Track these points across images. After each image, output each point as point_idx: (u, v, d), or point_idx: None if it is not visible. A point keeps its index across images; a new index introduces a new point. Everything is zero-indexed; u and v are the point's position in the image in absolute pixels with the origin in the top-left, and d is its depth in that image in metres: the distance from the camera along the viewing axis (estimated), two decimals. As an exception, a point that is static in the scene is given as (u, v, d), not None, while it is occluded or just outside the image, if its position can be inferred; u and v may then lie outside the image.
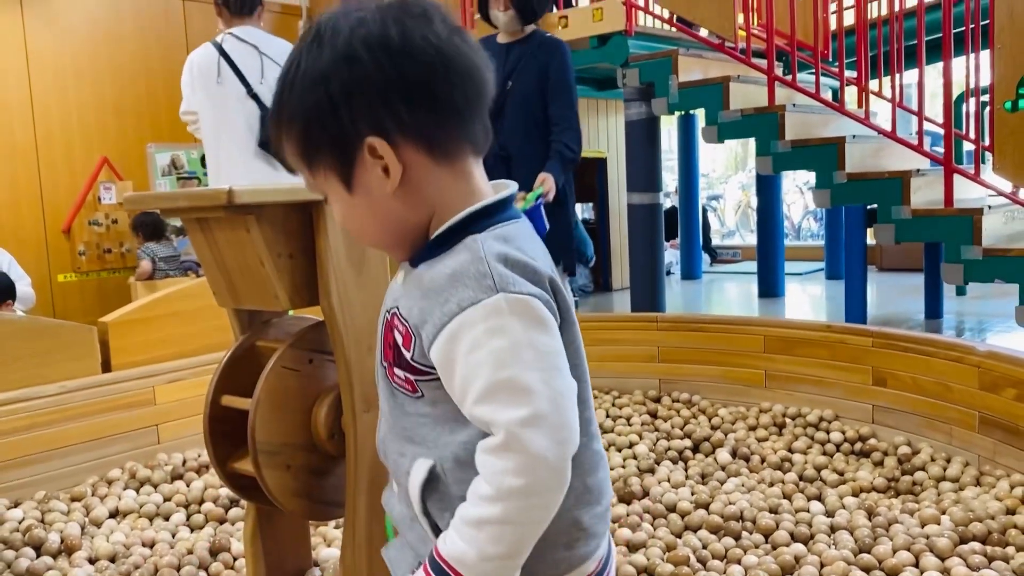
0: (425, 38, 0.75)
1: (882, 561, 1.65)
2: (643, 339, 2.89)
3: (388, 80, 0.74)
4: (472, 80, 0.77)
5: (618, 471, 2.22)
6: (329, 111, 0.75)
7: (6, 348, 2.22)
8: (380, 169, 0.76)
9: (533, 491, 0.69)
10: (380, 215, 0.78)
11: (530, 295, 0.72)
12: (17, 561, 1.78)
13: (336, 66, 0.74)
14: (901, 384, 2.34)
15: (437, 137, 0.76)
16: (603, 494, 0.82)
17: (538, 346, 0.71)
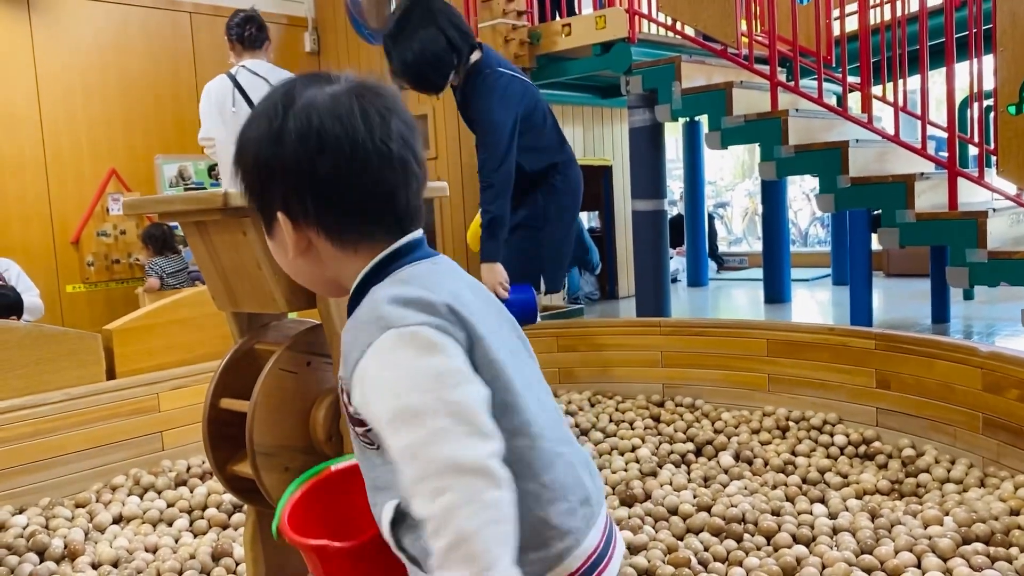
0: (352, 147, 0.81)
1: (884, 562, 1.64)
2: (647, 344, 2.89)
3: (301, 172, 0.82)
4: (387, 194, 0.84)
5: (620, 474, 2.22)
6: (254, 179, 0.86)
7: (11, 356, 2.24)
8: (288, 239, 0.86)
9: (464, 500, 0.69)
10: (295, 265, 0.89)
11: (418, 324, 0.77)
12: (20, 567, 1.79)
13: (264, 146, 0.84)
14: (904, 386, 2.33)
15: (339, 236, 0.85)
16: (567, 489, 0.82)
17: (429, 369, 0.75)
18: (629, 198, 5.07)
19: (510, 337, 0.89)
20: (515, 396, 0.81)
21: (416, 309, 0.79)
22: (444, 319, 0.79)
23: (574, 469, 0.85)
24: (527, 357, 0.91)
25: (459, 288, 0.85)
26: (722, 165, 12.33)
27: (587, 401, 2.83)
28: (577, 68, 4.67)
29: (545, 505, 0.80)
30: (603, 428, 2.61)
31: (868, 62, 3.90)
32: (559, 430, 0.87)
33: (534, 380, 0.88)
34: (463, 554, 0.68)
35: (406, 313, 0.78)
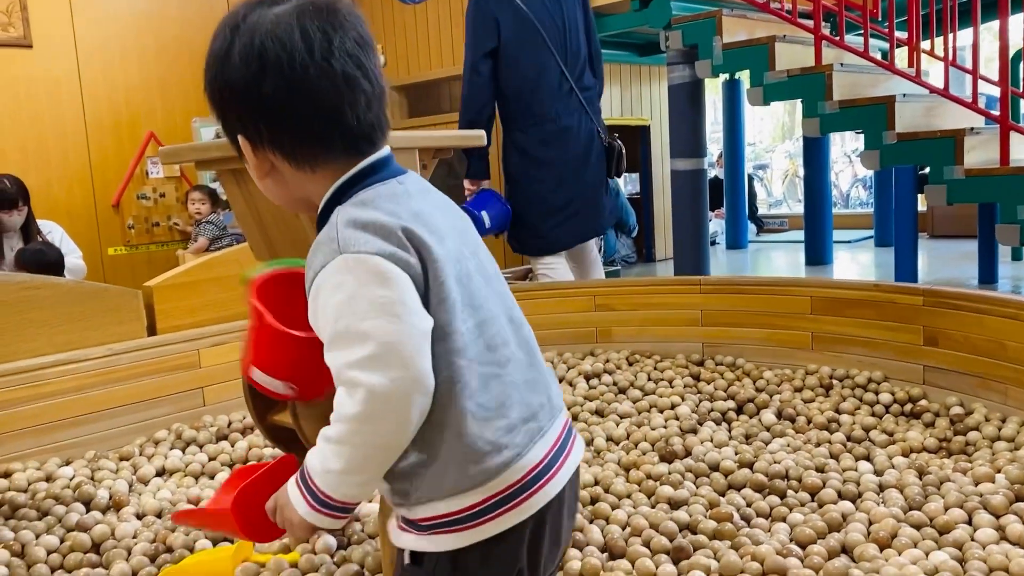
0: (291, 65, 0.82)
1: (933, 519, 1.60)
2: (686, 303, 2.85)
3: (252, 98, 0.84)
4: (330, 112, 0.84)
5: (659, 431, 2.19)
6: (215, 106, 0.89)
7: (54, 312, 2.27)
8: (251, 158, 0.88)
9: (365, 419, 0.78)
10: (265, 185, 0.91)
11: (368, 253, 0.79)
12: (67, 515, 1.82)
13: (217, 72, 0.86)
14: (953, 343, 2.27)
15: (294, 155, 0.86)
16: (504, 407, 0.85)
17: (372, 297, 0.78)
18: (667, 159, 5.00)
19: (474, 258, 0.90)
20: (459, 320, 0.84)
21: (371, 233, 0.81)
22: (396, 246, 0.81)
23: (516, 389, 0.87)
24: (492, 279, 0.92)
25: (422, 208, 0.86)
26: (761, 128, 12.11)
27: (625, 360, 2.80)
28: (614, 24, 4.59)
29: (481, 423, 0.83)
30: (641, 386, 2.58)
31: (917, 14, 3.78)
32: (507, 350, 0.88)
33: (492, 302, 0.89)
34: (338, 452, 0.80)
35: (359, 238, 0.80)
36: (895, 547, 1.51)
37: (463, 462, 0.82)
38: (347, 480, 0.81)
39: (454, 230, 0.88)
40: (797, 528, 1.59)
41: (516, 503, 0.84)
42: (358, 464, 0.80)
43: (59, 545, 1.71)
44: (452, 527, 0.83)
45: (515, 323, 0.92)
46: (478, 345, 0.85)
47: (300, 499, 0.84)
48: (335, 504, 0.82)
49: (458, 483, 0.82)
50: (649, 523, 1.64)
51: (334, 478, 0.81)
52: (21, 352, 2.19)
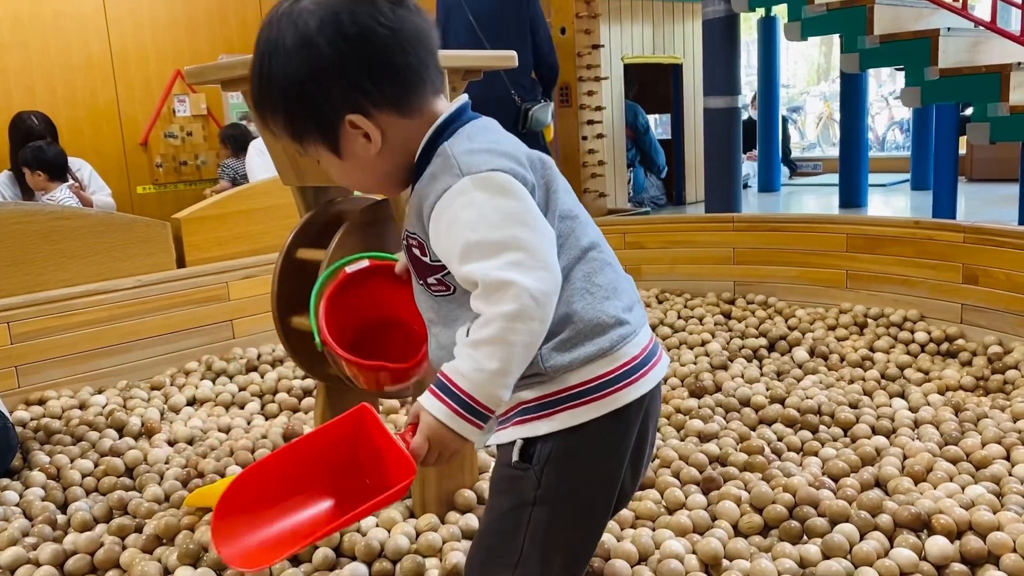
0: (374, 18, 0.85)
1: (970, 454, 1.57)
2: (718, 240, 2.80)
3: (352, 64, 0.85)
4: (422, 43, 0.88)
5: (689, 367, 2.17)
6: (308, 101, 0.86)
7: (85, 242, 2.27)
8: (362, 137, 0.87)
9: (519, 317, 0.81)
10: (372, 171, 0.91)
11: (491, 170, 0.84)
12: (101, 441, 1.84)
13: (303, 59, 0.84)
14: (994, 281, 2.22)
15: (404, 100, 0.88)
16: (619, 290, 0.93)
17: (502, 209, 0.83)
18: (700, 98, 4.89)
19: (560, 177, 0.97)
20: (576, 223, 0.93)
21: (490, 154, 0.86)
22: (515, 163, 0.86)
23: (622, 279, 0.95)
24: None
25: (514, 140, 0.92)
26: (795, 71, 11.82)
27: (655, 298, 2.77)
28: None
29: (601, 301, 0.90)
30: (671, 324, 2.55)
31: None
32: (609, 250, 0.97)
33: (582, 210, 0.97)
34: (492, 352, 0.82)
35: (480, 159, 0.85)
36: (930, 481, 1.48)
37: (592, 334, 0.88)
38: (500, 381, 0.83)
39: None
40: (829, 462, 1.57)
41: (636, 377, 0.91)
42: (513, 362, 0.82)
43: (93, 469, 1.73)
44: (580, 399, 0.88)
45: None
46: (589, 237, 0.92)
47: (446, 410, 0.83)
48: (482, 410, 0.83)
49: (589, 354, 0.88)
50: (678, 455, 1.63)
51: (487, 378, 0.82)
52: (52, 282, 2.20)
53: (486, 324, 0.82)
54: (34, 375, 2.12)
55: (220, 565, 1.31)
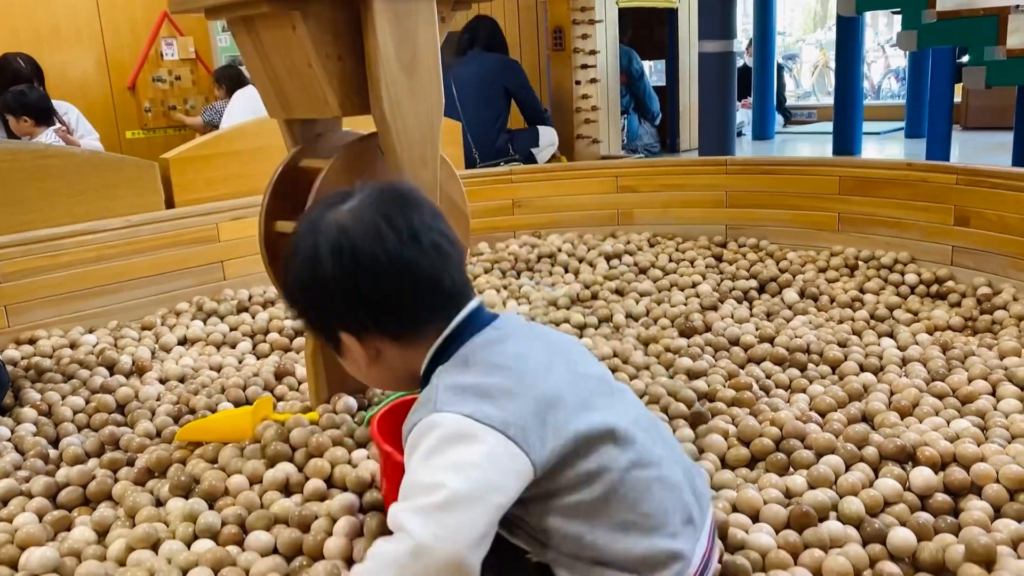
0: (380, 252, 0.86)
1: (956, 390, 1.59)
2: (711, 184, 2.79)
3: (348, 293, 0.87)
4: (425, 284, 0.88)
5: (679, 308, 2.18)
6: (310, 306, 0.92)
7: (71, 182, 2.25)
8: (357, 351, 0.91)
9: (389, 564, 0.76)
10: (371, 374, 0.94)
11: (460, 414, 0.80)
12: (92, 379, 1.84)
13: (308, 277, 0.89)
14: (986, 223, 2.21)
15: (400, 334, 0.89)
16: (668, 513, 0.85)
17: (449, 456, 0.78)
18: (695, 44, 4.83)
19: (585, 375, 0.91)
20: (598, 438, 0.84)
21: (467, 395, 0.82)
22: (492, 406, 0.81)
23: (675, 490, 0.87)
24: (607, 383, 0.93)
25: (520, 348, 0.88)
26: (792, 18, 11.67)
27: (646, 242, 2.77)
28: None
29: (650, 533, 0.83)
30: (662, 267, 2.55)
31: None
32: (655, 447, 0.89)
33: (619, 410, 0.89)
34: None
35: (456, 399, 0.82)
36: (916, 415, 1.50)
37: (641, 569, 0.83)
38: None
39: (559, 355, 0.91)
40: (817, 398, 1.58)
41: None
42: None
43: (84, 406, 1.74)
44: None
45: (647, 420, 0.93)
46: (628, 454, 0.85)
47: None
48: None
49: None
50: (667, 391, 1.64)
51: None
52: (40, 221, 2.18)
53: (366, 558, 0.79)
54: (23, 315, 2.12)
55: (212, 496, 1.32)
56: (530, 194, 2.93)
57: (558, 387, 0.84)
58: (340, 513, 1.26)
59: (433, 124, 1.38)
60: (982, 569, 1.07)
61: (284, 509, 1.28)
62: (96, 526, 1.28)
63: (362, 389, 1.68)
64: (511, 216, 2.92)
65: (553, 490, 0.82)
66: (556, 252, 2.69)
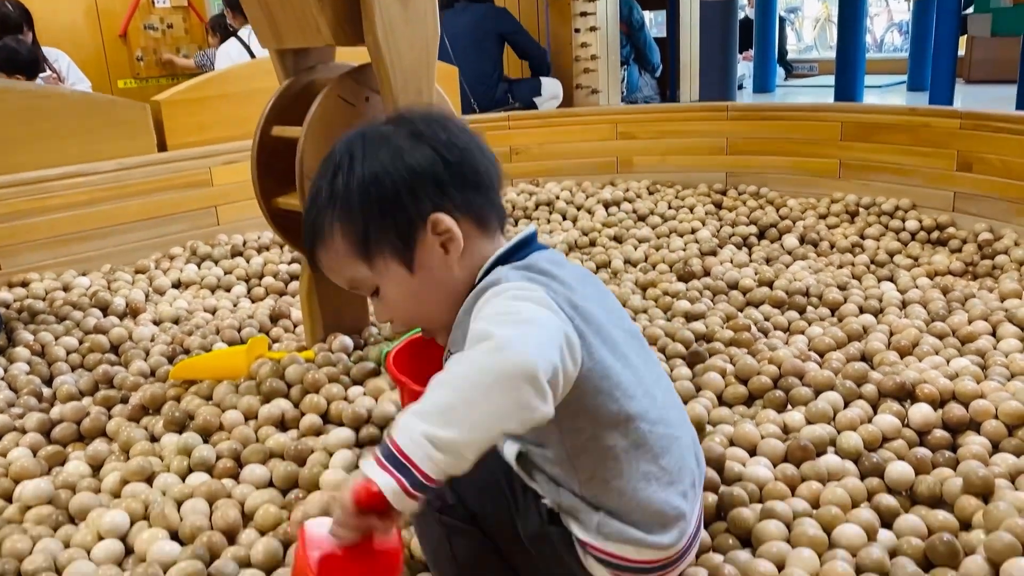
0: (455, 136, 0.84)
1: (956, 330, 1.58)
2: (711, 130, 2.75)
3: (442, 167, 0.82)
4: (493, 165, 0.87)
5: (678, 253, 2.16)
6: (391, 202, 0.82)
7: (63, 123, 2.21)
8: (439, 245, 0.82)
9: (491, 368, 0.67)
10: (440, 288, 0.84)
11: (530, 285, 0.77)
12: (85, 320, 1.83)
13: (392, 158, 0.82)
14: (988, 168, 2.19)
15: (482, 211, 0.85)
16: (683, 472, 0.85)
17: (523, 292, 0.76)
18: (696, -7, 4.74)
19: (625, 325, 0.89)
20: (635, 382, 0.82)
21: (535, 283, 0.79)
22: (556, 295, 0.78)
23: (687, 452, 0.87)
24: (639, 339, 0.91)
25: (580, 277, 0.86)
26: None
27: (645, 190, 2.74)
28: None
29: (666, 487, 0.83)
30: (661, 213, 2.53)
31: None
32: (677, 412, 0.89)
33: (650, 362, 0.89)
34: (447, 401, 0.67)
35: (523, 283, 0.78)
36: (916, 355, 1.48)
37: (650, 528, 0.82)
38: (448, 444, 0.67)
39: (606, 300, 0.89)
40: (816, 339, 1.57)
41: (675, 566, 0.86)
42: (458, 418, 0.67)
43: (78, 346, 1.72)
44: (620, 570, 0.84)
45: (667, 381, 0.92)
46: (657, 410, 0.84)
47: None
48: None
49: (641, 541, 0.82)
50: (664, 333, 1.63)
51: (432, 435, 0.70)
52: (30, 163, 2.14)
53: (458, 362, 0.70)
54: (15, 257, 2.09)
55: (206, 431, 1.32)
56: (528, 141, 2.90)
57: (611, 323, 0.83)
58: (337, 447, 1.26)
59: (428, 53, 1.35)
60: (979, 501, 1.06)
61: (280, 444, 1.27)
62: (90, 460, 1.28)
63: (358, 329, 1.67)
64: (508, 164, 2.89)
65: (591, 432, 0.80)
66: (554, 200, 2.67)
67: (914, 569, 0.92)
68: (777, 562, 0.95)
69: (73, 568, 1.02)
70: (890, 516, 1.06)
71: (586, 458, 0.81)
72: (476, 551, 0.86)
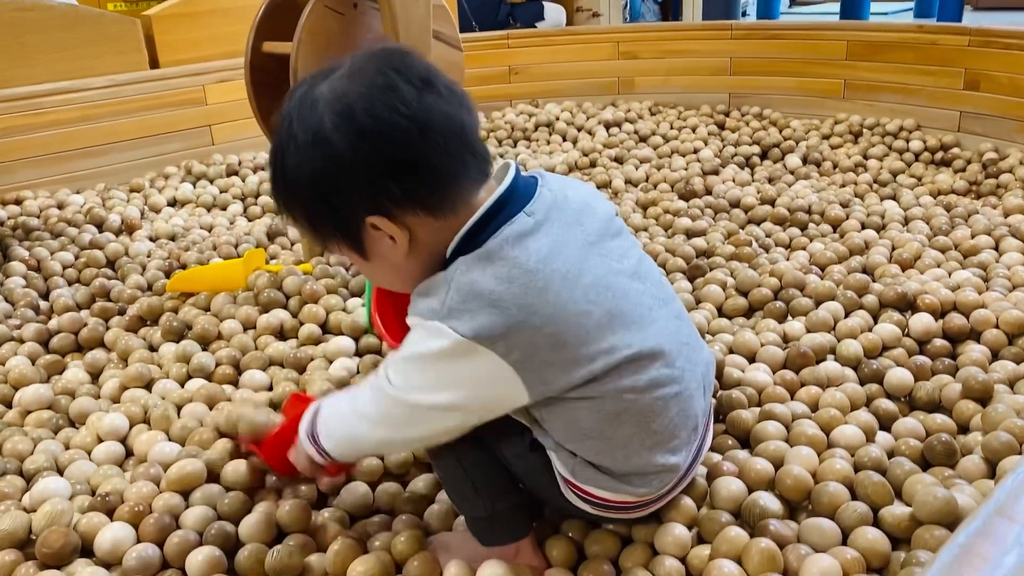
0: (395, 108, 0.72)
1: (958, 245, 1.57)
2: (715, 50, 2.70)
3: (370, 164, 0.73)
4: (453, 133, 0.75)
5: (680, 173, 2.13)
6: (324, 205, 0.75)
7: (50, 37, 2.16)
8: (388, 239, 0.76)
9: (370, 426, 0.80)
10: (401, 272, 0.80)
11: (460, 335, 0.72)
12: (80, 236, 1.81)
13: (317, 161, 0.73)
14: (996, 86, 2.15)
15: (431, 199, 0.75)
16: (677, 427, 0.81)
17: (445, 374, 0.74)
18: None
19: (620, 266, 0.81)
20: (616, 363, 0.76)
21: (476, 307, 0.72)
22: (504, 325, 0.72)
23: (691, 401, 0.82)
24: (640, 274, 0.83)
25: (555, 244, 0.76)
26: None
27: (647, 110, 2.70)
28: None
29: (652, 448, 0.80)
30: (663, 134, 2.50)
31: None
32: (678, 359, 0.81)
33: (650, 304, 0.81)
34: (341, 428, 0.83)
35: (461, 309, 0.73)
36: (918, 268, 1.48)
37: (628, 480, 0.81)
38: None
39: (595, 246, 0.80)
40: (818, 254, 1.56)
41: (660, 501, 0.86)
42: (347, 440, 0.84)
43: (74, 261, 1.71)
44: (598, 508, 0.84)
45: (674, 311, 0.85)
46: (649, 374, 0.78)
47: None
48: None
49: (619, 488, 0.82)
50: (665, 249, 1.62)
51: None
52: (19, 79, 2.10)
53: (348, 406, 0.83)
54: (8, 175, 2.07)
55: (205, 340, 1.31)
56: (527, 60, 2.84)
57: (584, 300, 0.75)
58: (337, 355, 1.25)
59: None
60: (977, 405, 1.07)
61: (279, 351, 1.27)
62: (89, 368, 1.28)
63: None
64: (508, 84, 2.84)
65: (561, 399, 0.77)
66: (554, 121, 2.63)
67: (911, 467, 0.93)
68: (775, 460, 0.95)
69: (74, 467, 1.02)
70: (889, 420, 1.06)
71: (557, 421, 0.79)
72: (486, 466, 0.84)
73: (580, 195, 0.84)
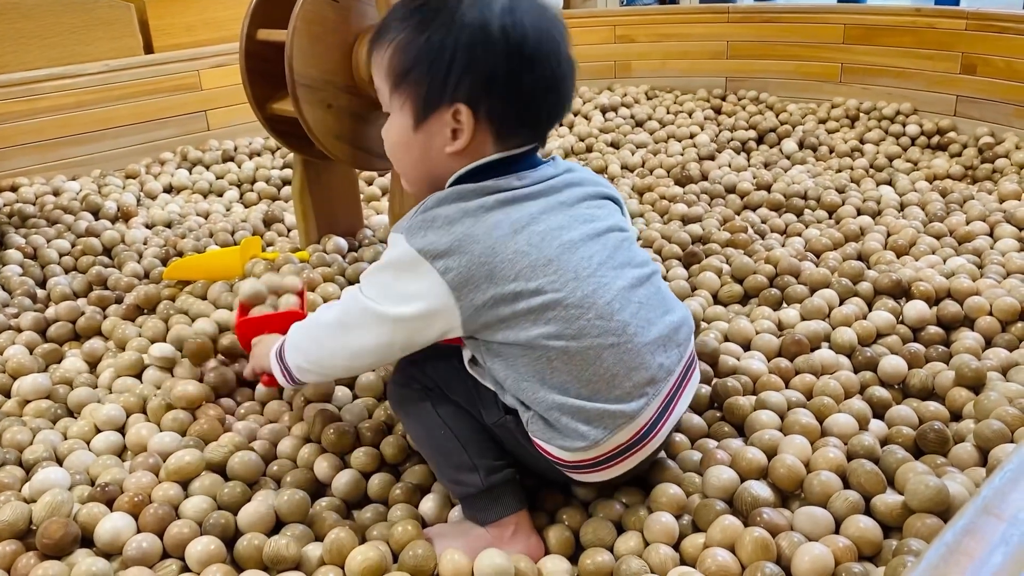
0: (555, 44, 0.81)
1: (954, 231, 1.57)
2: (712, 33, 2.69)
3: (501, 71, 0.79)
4: (568, 91, 0.84)
5: (676, 158, 2.13)
6: (443, 68, 0.79)
7: (43, 23, 2.15)
8: (449, 130, 0.81)
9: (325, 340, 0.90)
10: (425, 158, 0.84)
11: (415, 249, 0.79)
12: (76, 223, 1.81)
13: (473, 37, 0.78)
14: (993, 70, 2.15)
15: (510, 125, 0.82)
16: (618, 378, 0.81)
17: (386, 281, 0.83)
18: None
19: (579, 215, 0.85)
20: (541, 303, 0.80)
21: (434, 227, 0.80)
22: (447, 240, 0.79)
23: (632, 355, 0.82)
24: (592, 229, 0.85)
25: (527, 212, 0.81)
26: None
27: (644, 95, 2.69)
28: None
29: (591, 397, 0.81)
30: (660, 119, 2.49)
31: None
32: (627, 312, 0.82)
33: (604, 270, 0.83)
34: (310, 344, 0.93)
35: (419, 229, 0.80)
36: (912, 254, 1.48)
37: (585, 421, 0.81)
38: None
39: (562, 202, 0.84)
40: (813, 240, 1.56)
41: (620, 460, 0.85)
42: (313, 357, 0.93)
43: (71, 249, 1.71)
44: (567, 469, 0.86)
45: (630, 276, 0.85)
46: (578, 320, 0.80)
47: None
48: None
49: (567, 443, 0.82)
50: (660, 235, 1.62)
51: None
52: (14, 64, 2.09)
53: (316, 322, 0.92)
54: (1, 162, 2.06)
55: (202, 329, 1.32)
56: (524, 45, 2.83)
57: (525, 243, 0.79)
58: (331, 344, 1.26)
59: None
60: (970, 392, 1.07)
61: (275, 340, 1.27)
62: (87, 357, 1.28)
63: (352, 231, 1.66)
64: (504, 68, 2.83)
65: (499, 345, 0.81)
66: (550, 105, 2.62)
67: (904, 455, 0.94)
68: (769, 449, 0.96)
69: (74, 457, 1.03)
70: (882, 408, 1.07)
71: (494, 362, 0.83)
72: (461, 416, 0.89)
73: (579, 177, 0.88)
